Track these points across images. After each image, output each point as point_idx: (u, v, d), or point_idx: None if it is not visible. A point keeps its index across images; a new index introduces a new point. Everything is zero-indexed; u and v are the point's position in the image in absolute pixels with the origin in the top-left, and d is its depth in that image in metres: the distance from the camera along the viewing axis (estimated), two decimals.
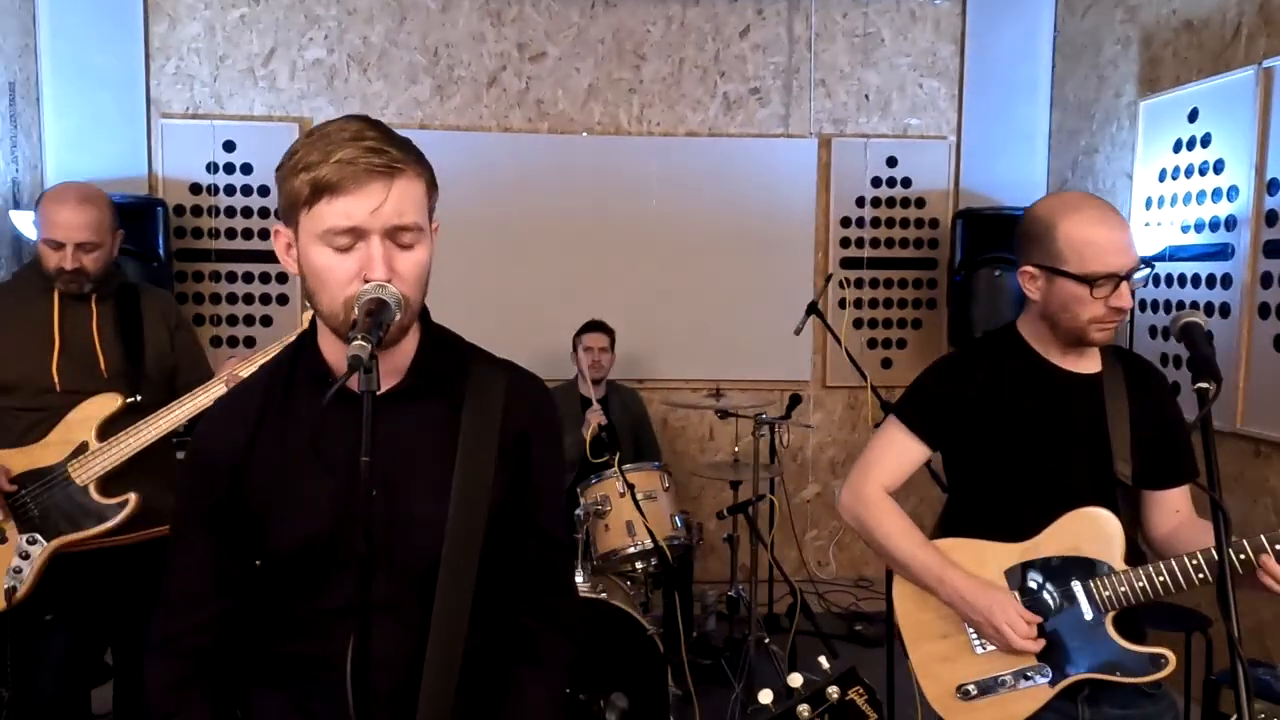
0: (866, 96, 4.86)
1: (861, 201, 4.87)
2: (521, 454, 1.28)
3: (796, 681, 1.41)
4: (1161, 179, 3.84)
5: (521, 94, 4.71)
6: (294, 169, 1.14)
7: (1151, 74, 3.99)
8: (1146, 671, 1.63)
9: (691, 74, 4.78)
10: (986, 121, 4.84)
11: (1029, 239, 1.72)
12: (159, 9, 4.48)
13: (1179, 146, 3.74)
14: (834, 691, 1.38)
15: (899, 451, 1.82)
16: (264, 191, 4.55)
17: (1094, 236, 1.64)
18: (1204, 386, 1.44)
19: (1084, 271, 1.63)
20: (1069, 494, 1.70)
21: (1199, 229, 3.62)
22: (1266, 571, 1.53)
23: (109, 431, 2.36)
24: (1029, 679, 1.66)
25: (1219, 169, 3.52)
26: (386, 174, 1.12)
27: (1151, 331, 3.88)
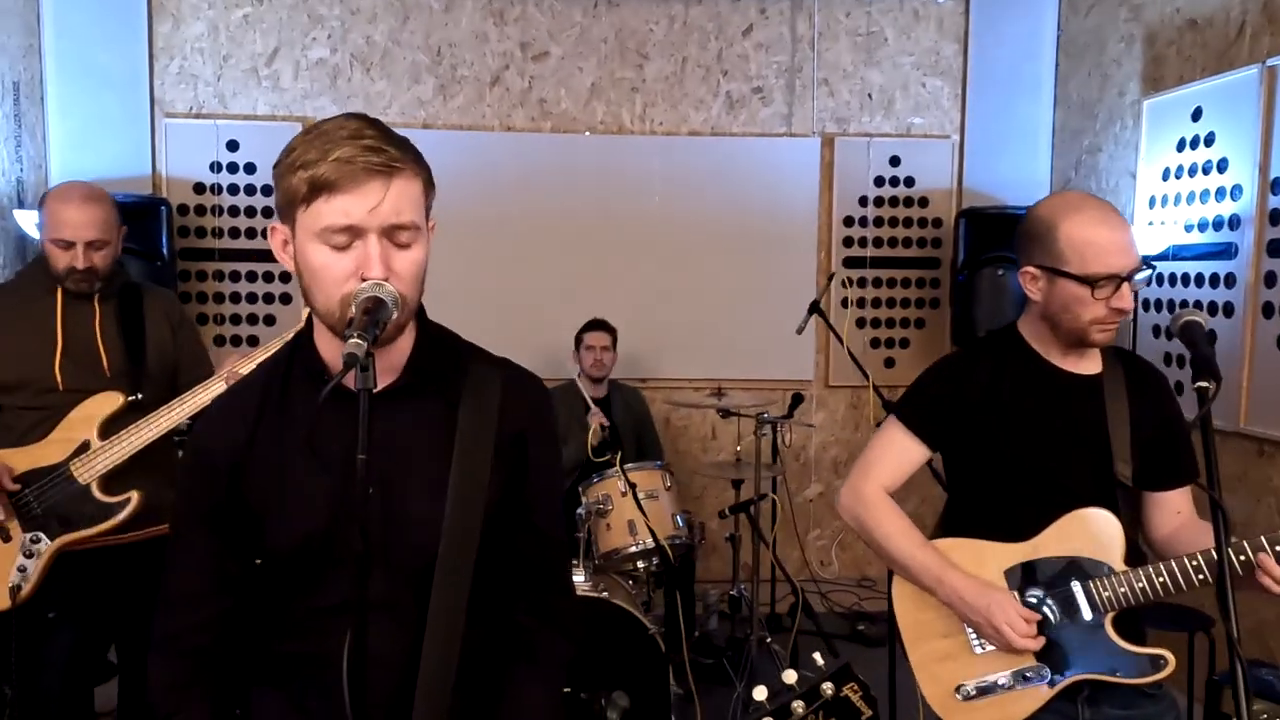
0: (869, 95, 4.85)
1: (864, 201, 4.86)
2: (518, 452, 1.28)
3: (791, 678, 1.42)
4: (1165, 178, 3.83)
5: (524, 93, 4.71)
6: (292, 166, 1.14)
7: (1155, 73, 3.98)
8: (1146, 672, 1.63)
9: (694, 73, 4.78)
10: (990, 120, 4.83)
11: (1030, 239, 1.72)
12: (163, 9, 4.49)
13: (1182, 145, 3.73)
14: (828, 688, 1.38)
15: (899, 452, 1.82)
16: (267, 191, 4.56)
17: (1095, 237, 1.63)
18: (1204, 385, 1.44)
19: (1085, 272, 1.63)
20: (1069, 495, 1.69)
21: (1202, 228, 3.61)
22: (1265, 571, 1.52)
23: (111, 430, 2.36)
24: (1028, 680, 1.66)
25: (1222, 168, 3.51)
26: (385, 173, 1.13)
27: (1155, 331, 3.88)
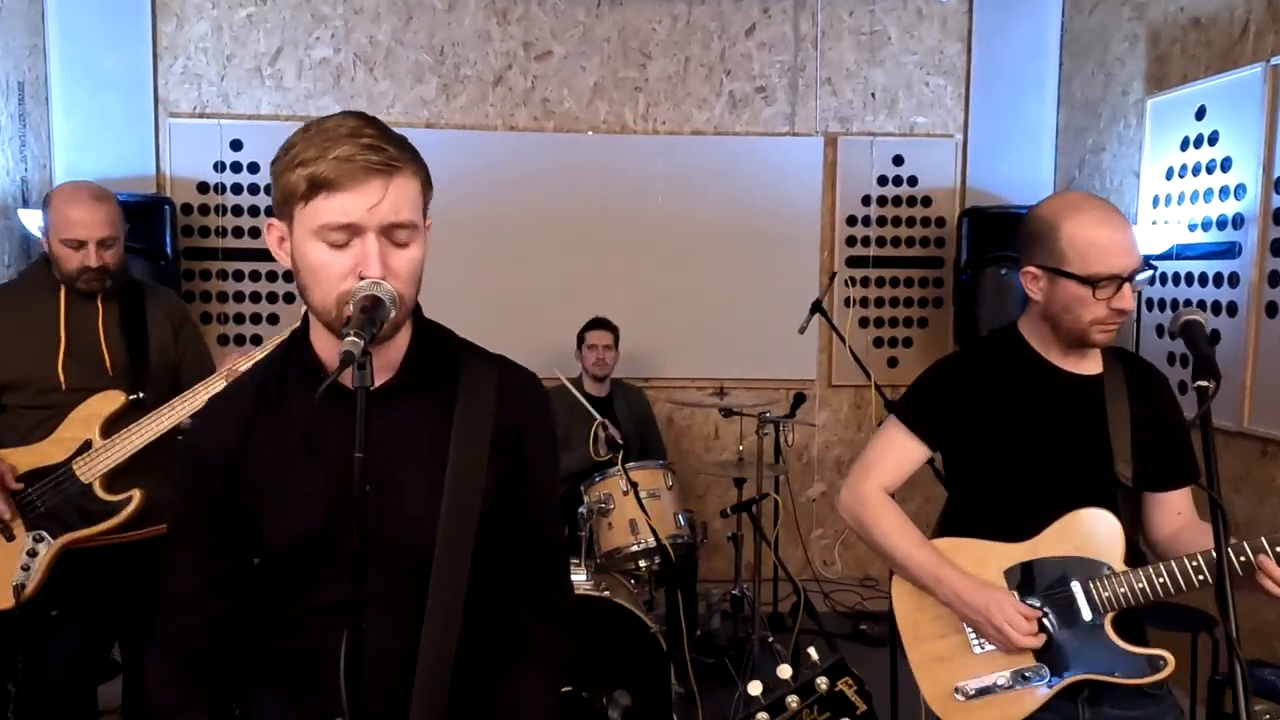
0: (873, 95, 4.85)
1: (867, 200, 4.85)
2: (515, 448, 1.28)
3: (786, 673, 1.42)
4: (1169, 177, 3.82)
5: (527, 93, 4.72)
6: (291, 163, 1.14)
7: (1159, 71, 3.97)
8: (1145, 673, 1.63)
9: (697, 72, 4.78)
10: (993, 120, 4.82)
11: (1032, 239, 1.72)
12: (166, 9, 4.50)
13: (1186, 144, 3.72)
14: (823, 682, 1.38)
15: (899, 451, 1.82)
16: (271, 190, 4.56)
17: (1097, 238, 1.63)
18: (1204, 384, 1.44)
19: (1086, 272, 1.63)
20: (1069, 495, 1.69)
21: (1206, 227, 3.60)
22: (1265, 573, 1.52)
23: (113, 429, 2.37)
24: (1027, 680, 1.66)
25: (1226, 167, 3.50)
26: (384, 172, 1.13)
27: (1159, 330, 3.86)
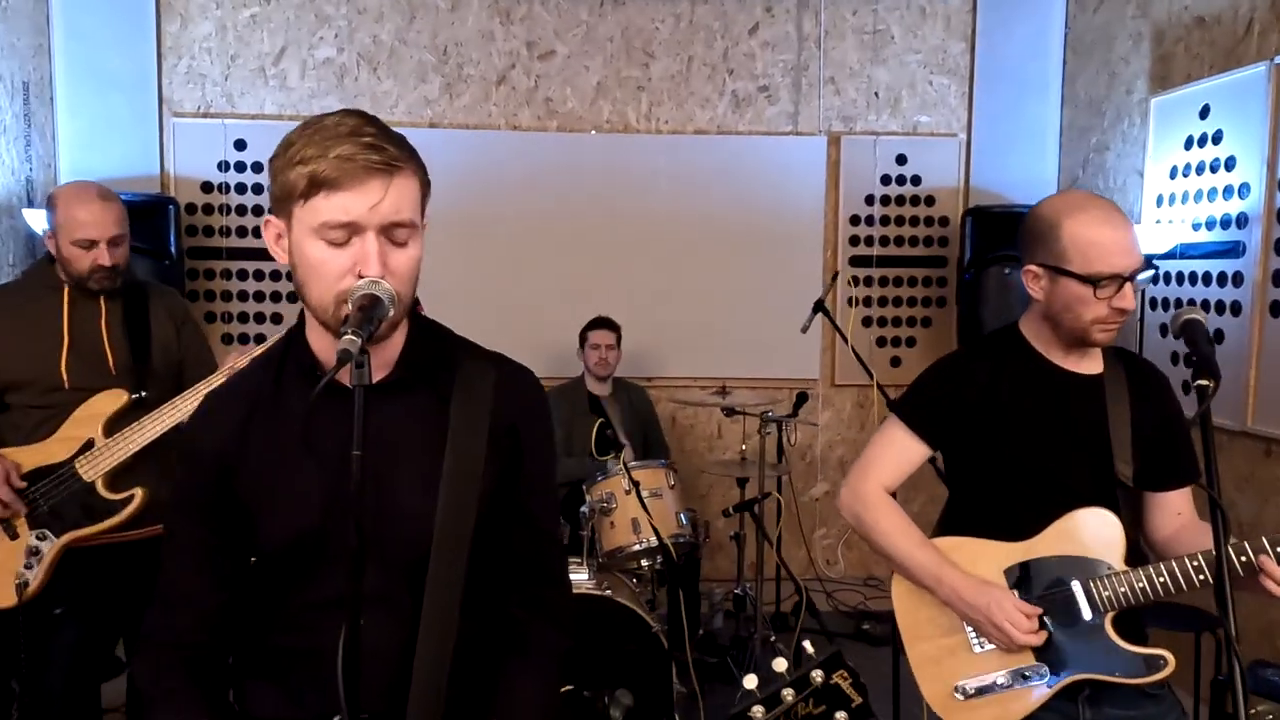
0: (876, 94, 4.84)
1: (871, 199, 4.85)
2: (512, 445, 1.28)
3: (781, 666, 1.42)
4: (1173, 176, 3.81)
5: (530, 92, 4.72)
6: (290, 161, 1.14)
7: (1163, 70, 3.96)
8: (1145, 673, 1.62)
9: (700, 72, 4.78)
10: (997, 119, 4.81)
11: (1033, 238, 1.72)
12: (171, 9, 4.51)
13: (1190, 143, 3.71)
14: (818, 675, 1.38)
15: (899, 450, 1.82)
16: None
17: (1098, 237, 1.63)
18: (1203, 384, 1.43)
19: (1088, 272, 1.63)
20: (1069, 494, 1.69)
21: (1210, 226, 3.59)
22: (1266, 573, 1.52)
23: (116, 428, 2.38)
24: (1026, 679, 1.66)
25: (1230, 166, 3.49)
26: (385, 172, 1.13)
27: (1163, 330, 3.85)
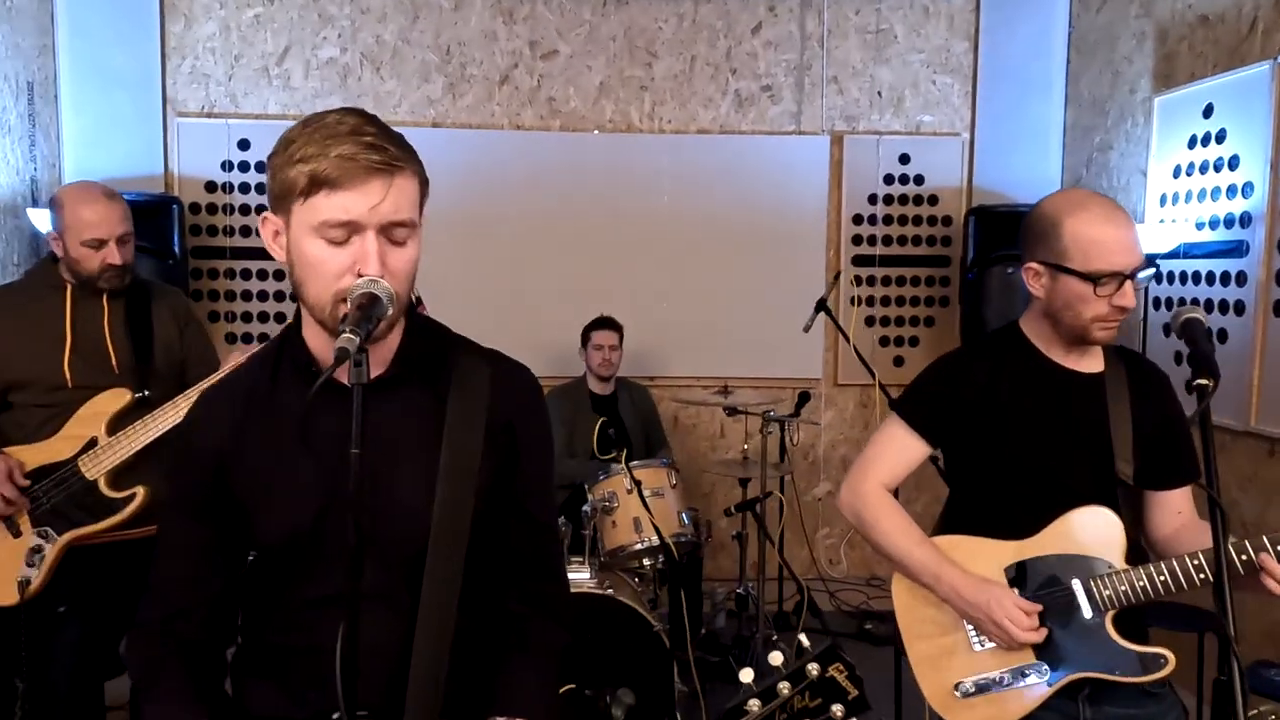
0: (879, 93, 4.84)
1: (874, 199, 4.84)
2: (508, 441, 1.29)
3: (778, 660, 1.42)
4: (1176, 175, 3.80)
5: (533, 92, 4.72)
6: (290, 159, 1.14)
7: (1166, 69, 3.95)
8: (1144, 672, 1.62)
9: (703, 71, 4.78)
10: (1000, 118, 4.80)
11: (1034, 236, 1.72)
12: (174, 9, 4.52)
13: (1194, 142, 3.70)
14: (814, 668, 1.38)
15: (899, 449, 1.82)
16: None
17: (1099, 235, 1.63)
18: (1203, 383, 1.43)
19: (1089, 269, 1.63)
20: (1070, 493, 1.69)
21: (1214, 226, 3.58)
22: (1266, 571, 1.52)
23: (118, 426, 2.39)
24: (1026, 677, 1.66)
25: (1234, 165, 3.48)
26: (386, 171, 1.14)
27: (1165, 330, 3.84)
